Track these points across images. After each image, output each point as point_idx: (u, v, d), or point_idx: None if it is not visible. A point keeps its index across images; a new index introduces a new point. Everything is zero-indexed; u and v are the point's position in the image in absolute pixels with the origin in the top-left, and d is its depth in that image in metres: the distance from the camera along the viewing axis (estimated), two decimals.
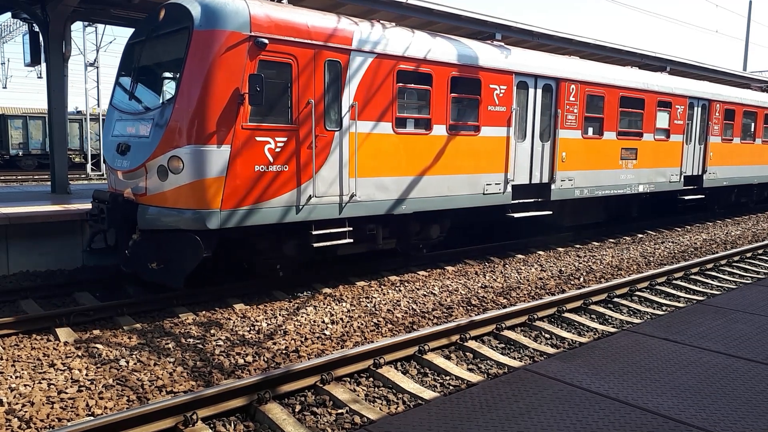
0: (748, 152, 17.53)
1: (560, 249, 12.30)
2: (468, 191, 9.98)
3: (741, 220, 18.04)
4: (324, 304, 7.87)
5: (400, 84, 8.81)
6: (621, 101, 12.59)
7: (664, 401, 3.33)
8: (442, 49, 9.41)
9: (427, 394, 5.23)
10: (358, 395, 5.23)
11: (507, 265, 10.50)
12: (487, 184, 10.25)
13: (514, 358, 6.30)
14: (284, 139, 7.58)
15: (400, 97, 9.00)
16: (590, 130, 12.17)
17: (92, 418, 4.56)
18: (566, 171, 11.63)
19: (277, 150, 7.51)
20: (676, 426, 3.03)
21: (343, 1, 11.16)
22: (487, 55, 10.11)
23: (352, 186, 8.34)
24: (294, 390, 5.16)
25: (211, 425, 4.65)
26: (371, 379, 5.61)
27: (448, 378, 5.70)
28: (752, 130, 17.77)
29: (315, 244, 8.09)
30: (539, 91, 11.00)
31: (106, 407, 4.86)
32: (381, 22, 9.12)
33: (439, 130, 9.43)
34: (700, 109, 14.99)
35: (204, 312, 7.52)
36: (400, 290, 8.64)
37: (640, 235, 14.35)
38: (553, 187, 11.41)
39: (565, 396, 3.39)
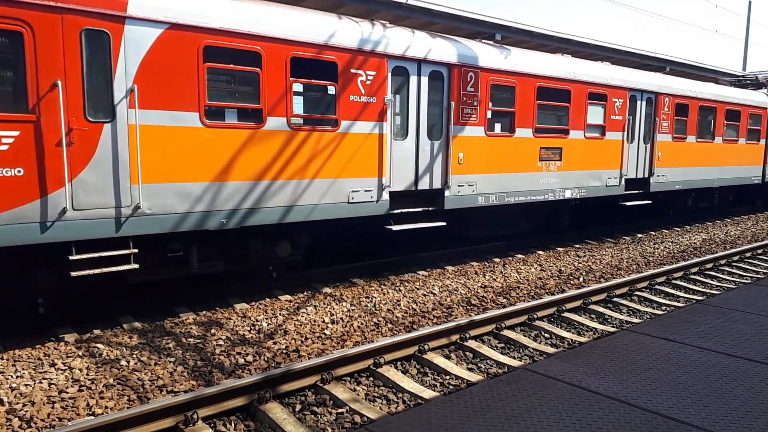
0: (706, 152, 15.53)
1: (560, 249, 12.30)
2: (326, 200, 8.16)
3: (740, 220, 18.04)
4: (324, 303, 7.87)
5: (211, 64, 6.96)
6: (538, 93, 10.77)
7: (663, 401, 3.34)
8: (278, 21, 7.49)
9: (427, 393, 5.24)
10: (358, 395, 5.24)
11: (507, 265, 10.51)
12: (354, 191, 8.42)
13: (514, 358, 6.31)
14: (15, 132, 5.78)
15: (213, 81, 7.52)
16: (497, 127, 10.50)
17: (93, 417, 4.57)
18: (465, 175, 9.88)
19: (2, 147, 5.70)
20: (675, 425, 3.04)
21: (344, 0, 11.17)
22: (346, 32, 8.21)
23: (135, 195, 6.48)
24: (294, 389, 5.17)
25: (212, 424, 4.66)
26: (371, 378, 5.62)
27: (448, 377, 5.70)
28: (711, 127, 15.76)
29: (74, 273, 6.17)
30: (424, 80, 9.22)
31: (106, 407, 4.87)
32: None
33: (277, 123, 7.55)
34: (644, 103, 13.10)
35: (204, 312, 7.53)
36: (400, 290, 8.64)
37: (639, 235, 14.35)
38: (447, 193, 9.58)
39: (564, 395, 3.39)
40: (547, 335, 7.01)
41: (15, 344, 6.28)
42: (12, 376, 5.39)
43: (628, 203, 13.09)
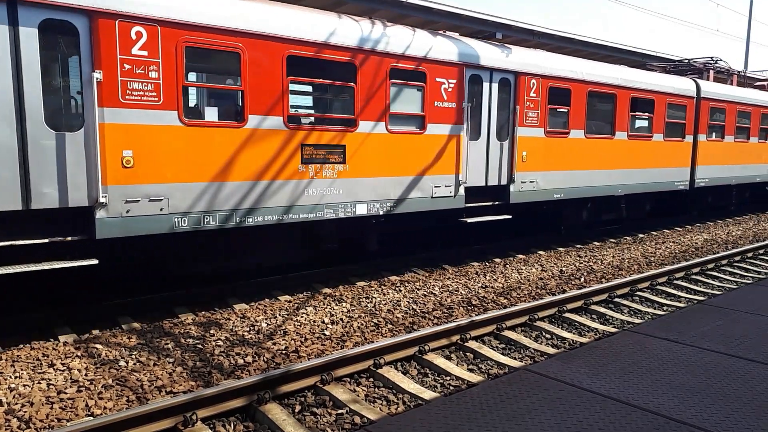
0: (603, 152, 12.36)
1: (561, 249, 12.28)
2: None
3: (742, 220, 18.01)
4: (324, 304, 7.86)
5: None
6: (288, 66, 7.58)
7: (664, 401, 3.31)
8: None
9: (428, 394, 5.22)
10: (358, 395, 5.22)
11: (507, 265, 10.49)
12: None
13: (515, 359, 6.29)
14: None
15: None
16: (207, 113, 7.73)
17: (92, 418, 4.56)
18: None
19: None
20: (676, 426, 3.02)
21: (344, 0, 11.16)
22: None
23: None
24: (294, 390, 5.15)
25: (211, 425, 4.64)
26: (371, 379, 5.60)
27: (448, 378, 5.68)
28: (611, 120, 12.53)
29: None
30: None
31: (105, 407, 4.85)
32: None
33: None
34: (496, 86, 10.07)
35: (203, 312, 7.51)
36: (400, 290, 8.63)
37: (641, 235, 14.33)
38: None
39: (565, 396, 3.37)
40: (548, 336, 6.99)
41: (13, 344, 6.26)
42: (11, 377, 5.38)
43: (470, 220, 9.95)
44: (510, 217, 10.52)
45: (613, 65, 12.91)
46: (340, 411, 4.88)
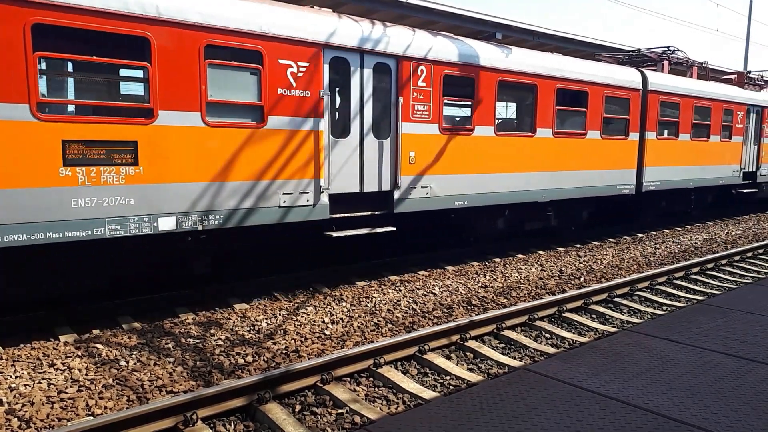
0: (516, 152, 10.50)
1: (560, 249, 12.29)
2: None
3: (741, 220, 18.02)
4: (324, 304, 7.86)
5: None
6: (36, 38, 5.92)
7: (664, 401, 3.32)
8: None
9: (428, 394, 5.22)
10: (358, 395, 5.22)
11: (507, 265, 10.49)
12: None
13: (515, 358, 6.29)
14: None
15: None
16: None
17: (92, 418, 4.56)
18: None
19: None
20: (676, 426, 3.02)
21: (344, 0, 11.17)
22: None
23: None
24: (294, 390, 5.16)
25: (211, 425, 4.65)
26: (371, 379, 5.61)
27: (448, 378, 5.69)
28: (532, 116, 10.74)
29: None
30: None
31: (105, 407, 4.85)
32: None
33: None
34: (370, 72, 8.50)
35: (204, 312, 7.52)
36: (400, 290, 8.63)
37: (640, 235, 14.33)
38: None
39: (565, 396, 3.38)
40: (547, 335, 7.00)
41: (14, 344, 6.27)
42: (11, 376, 5.38)
43: (337, 233, 8.36)
44: (393, 229, 8.95)
45: (535, 51, 11.08)
46: (340, 411, 4.89)
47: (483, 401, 3.31)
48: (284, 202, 7.75)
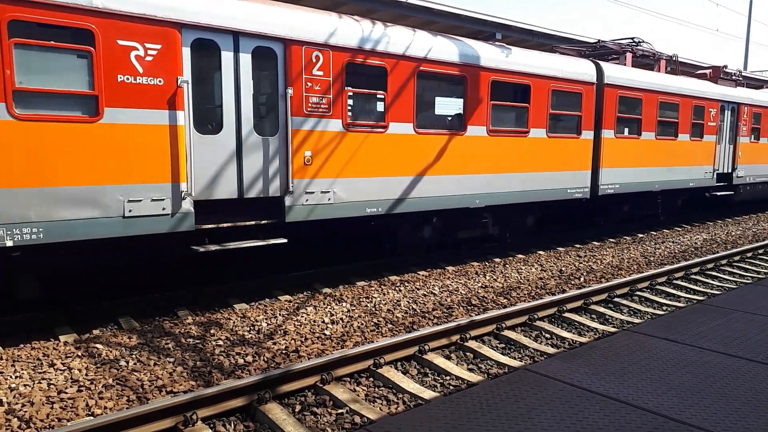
0: (443, 152, 9.44)
1: (560, 249, 12.29)
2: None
3: (741, 220, 18.02)
4: (324, 304, 7.86)
5: None
6: None
7: (664, 401, 3.32)
8: None
9: (428, 394, 5.22)
10: (358, 395, 5.22)
11: (507, 265, 10.49)
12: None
13: (515, 358, 6.29)
14: None
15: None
16: None
17: (92, 418, 4.56)
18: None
19: None
20: (676, 426, 3.02)
21: (344, 0, 11.17)
22: None
23: None
24: (294, 390, 5.16)
25: (211, 425, 4.65)
26: (371, 379, 5.61)
27: (448, 378, 5.69)
28: (461, 112, 9.72)
29: None
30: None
31: (105, 407, 4.85)
32: None
33: None
34: (248, 57, 7.29)
35: (204, 312, 7.52)
36: (400, 290, 8.63)
37: (640, 235, 14.33)
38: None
39: (565, 396, 3.38)
40: (547, 335, 7.00)
41: (14, 344, 6.27)
42: (11, 377, 5.38)
43: (204, 248, 7.12)
44: (283, 241, 7.70)
45: (466, 39, 9.92)
46: (340, 411, 4.89)
47: (483, 401, 3.31)
48: (130, 211, 6.51)
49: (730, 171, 16.41)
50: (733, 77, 16.71)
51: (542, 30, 13.70)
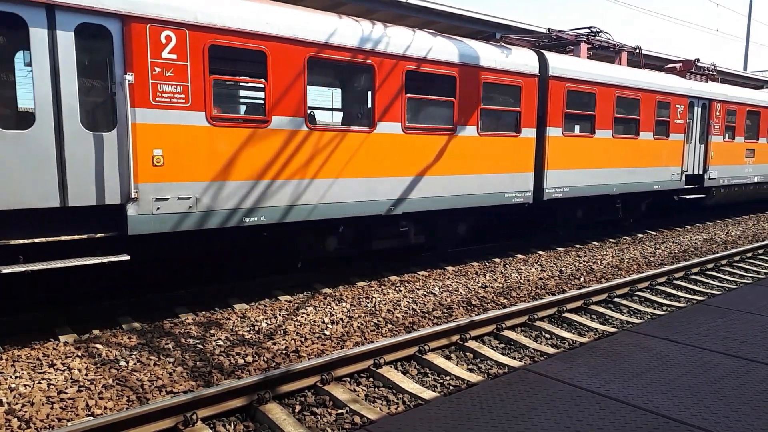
0: (347, 153, 8.17)
1: (560, 249, 12.29)
2: None
3: (741, 220, 18.02)
4: (324, 304, 7.86)
5: None
6: None
7: (664, 401, 3.32)
8: None
9: (428, 394, 5.22)
10: (358, 395, 5.22)
11: (507, 265, 10.49)
12: None
13: (515, 358, 6.29)
14: None
15: None
16: None
17: (92, 418, 4.56)
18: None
19: None
20: (676, 426, 3.02)
21: (344, 0, 11.17)
22: None
23: None
24: (294, 390, 5.16)
25: (211, 425, 4.65)
26: (371, 379, 5.61)
27: (448, 378, 5.69)
28: (366, 106, 8.88)
29: None
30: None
31: (105, 407, 4.85)
32: None
33: None
34: (69, 36, 6.10)
35: (204, 312, 7.52)
36: (400, 290, 8.63)
37: (640, 235, 14.33)
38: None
39: (565, 396, 3.38)
40: (547, 336, 7.00)
41: (14, 344, 6.27)
42: (11, 377, 5.38)
43: (5, 269, 5.76)
44: (124, 258, 6.38)
45: (371, 22, 8.54)
46: (340, 411, 4.89)
47: (483, 401, 3.31)
48: None
49: (701, 172, 15.22)
50: (706, 71, 15.62)
51: (541, 30, 13.53)
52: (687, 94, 14.16)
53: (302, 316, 7.31)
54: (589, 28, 12.62)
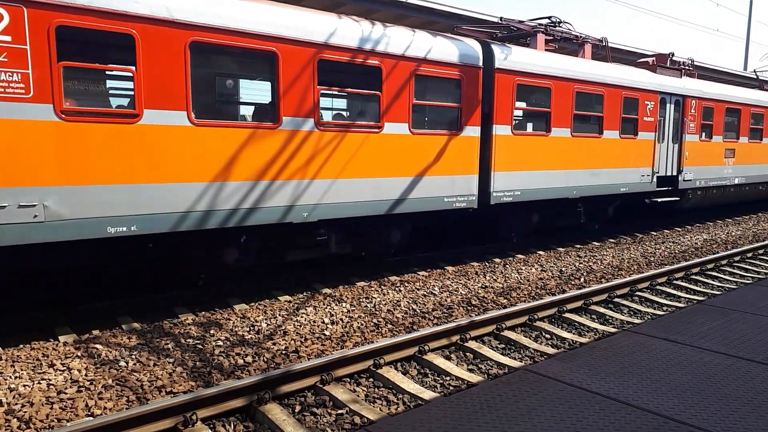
0: (255, 156, 7.18)
1: (560, 249, 12.28)
2: None
3: (741, 220, 18.02)
4: (324, 304, 7.86)
5: None
6: None
7: (664, 401, 3.32)
8: None
9: (427, 394, 5.22)
10: (358, 395, 5.22)
11: (507, 265, 10.49)
12: None
13: (515, 359, 6.29)
14: None
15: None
16: None
17: (92, 418, 4.56)
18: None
19: None
20: (676, 426, 3.02)
21: (344, 0, 11.17)
22: None
23: None
24: (294, 390, 5.15)
25: (211, 425, 4.64)
26: (371, 379, 5.60)
27: (448, 378, 5.69)
28: (273, 101, 7.44)
29: None
30: None
31: (105, 407, 4.85)
32: None
33: None
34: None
35: (204, 312, 7.51)
36: (400, 290, 8.63)
37: (640, 235, 14.32)
38: None
39: (565, 396, 3.38)
40: (547, 336, 7.00)
41: (14, 344, 6.27)
42: (11, 377, 5.38)
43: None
44: None
45: (277, 6, 7.37)
46: (340, 411, 4.89)
47: (483, 402, 3.30)
48: None
49: (675, 174, 14.14)
50: (682, 66, 14.57)
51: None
52: (658, 89, 13.16)
53: (302, 317, 7.30)
54: (549, 17, 11.55)
